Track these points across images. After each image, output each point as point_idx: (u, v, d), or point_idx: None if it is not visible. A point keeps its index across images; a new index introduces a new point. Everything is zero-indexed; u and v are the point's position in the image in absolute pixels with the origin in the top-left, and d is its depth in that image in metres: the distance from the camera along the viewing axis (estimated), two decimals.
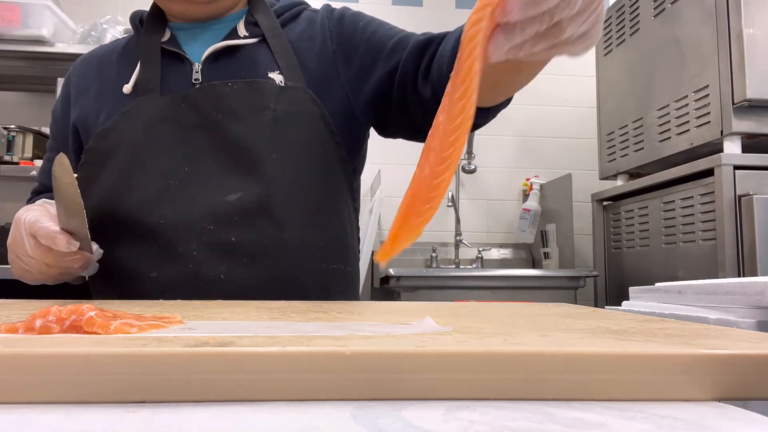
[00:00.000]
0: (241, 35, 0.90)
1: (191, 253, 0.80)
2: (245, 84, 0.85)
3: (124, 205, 0.83)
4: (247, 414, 0.26)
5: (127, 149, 0.85)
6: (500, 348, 0.30)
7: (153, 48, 0.90)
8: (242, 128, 0.84)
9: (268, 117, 0.84)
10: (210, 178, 0.83)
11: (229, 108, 0.84)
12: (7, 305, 0.57)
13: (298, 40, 0.92)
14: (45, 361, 0.27)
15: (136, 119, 0.85)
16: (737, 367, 0.29)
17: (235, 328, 0.38)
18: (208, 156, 0.84)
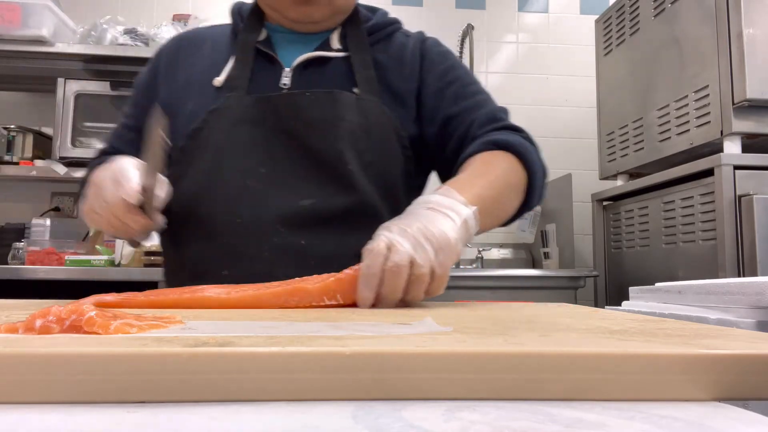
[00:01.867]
0: (334, 48, 0.93)
1: (262, 254, 0.83)
2: (323, 94, 0.87)
3: (204, 204, 0.86)
4: (247, 414, 0.26)
5: (212, 148, 0.87)
6: (500, 348, 0.30)
7: (248, 46, 0.92)
8: (318, 137, 0.86)
9: (343, 127, 0.86)
10: (285, 182, 0.86)
11: (307, 117, 0.86)
12: (7, 305, 0.57)
13: (386, 60, 0.94)
14: (45, 361, 0.27)
15: (222, 118, 0.88)
16: (737, 367, 0.29)
17: (235, 328, 0.38)
18: (285, 160, 0.86)
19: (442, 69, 0.95)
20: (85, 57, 2.35)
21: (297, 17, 0.92)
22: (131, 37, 2.36)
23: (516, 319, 0.48)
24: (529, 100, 2.78)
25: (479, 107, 0.91)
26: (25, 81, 2.60)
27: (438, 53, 0.97)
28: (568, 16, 2.88)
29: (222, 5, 2.87)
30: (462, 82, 0.95)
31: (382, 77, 0.92)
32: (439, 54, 0.97)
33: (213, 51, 0.96)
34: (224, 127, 0.87)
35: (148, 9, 2.78)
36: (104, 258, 2.06)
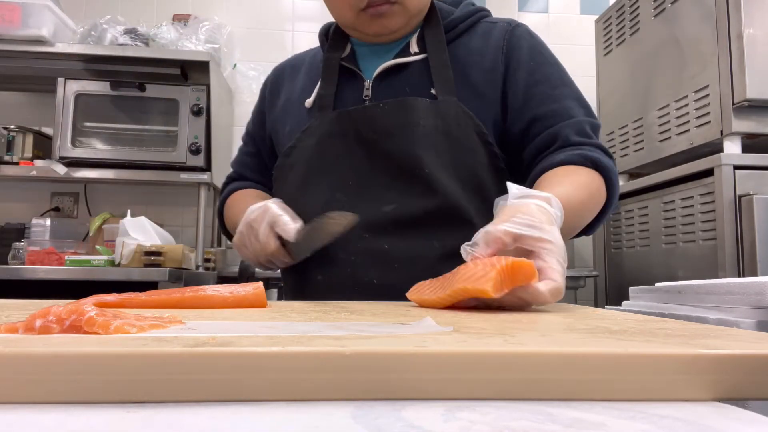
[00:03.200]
0: (413, 51, 0.94)
1: (350, 259, 0.88)
2: (394, 103, 0.90)
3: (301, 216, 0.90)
4: (247, 414, 0.26)
5: (303, 164, 0.94)
6: (500, 348, 0.30)
7: (333, 65, 0.97)
8: (395, 145, 0.89)
9: (418, 133, 0.88)
10: (369, 192, 0.90)
11: (382, 127, 0.90)
12: (7, 305, 0.57)
13: (467, 54, 0.94)
14: (45, 361, 0.27)
15: (311, 136, 0.94)
16: (737, 367, 0.29)
17: (235, 328, 0.38)
18: (368, 171, 0.91)
19: (532, 65, 0.93)
20: (85, 57, 2.35)
21: (375, 31, 0.93)
22: (131, 37, 2.36)
23: (516, 319, 0.48)
24: None
25: (567, 115, 0.90)
26: (25, 81, 2.61)
27: (529, 46, 0.95)
28: (568, 16, 2.88)
29: (222, 5, 2.88)
30: (551, 82, 0.93)
31: (461, 72, 0.92)
32: (530, 47, 0.95)
33: (307, 74, 1.02)
34: (312, 144, 0.93)
35: (148, 9, 2.78)
36: (104, 258, 2.06)
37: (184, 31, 2.45)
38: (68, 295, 0.73)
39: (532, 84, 0.92)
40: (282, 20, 2.87)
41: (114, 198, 2.67)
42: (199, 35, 2.47)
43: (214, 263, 2.46)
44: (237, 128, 2.80)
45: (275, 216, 0.85)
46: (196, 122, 2.31)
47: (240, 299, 0.59)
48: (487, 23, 0.98)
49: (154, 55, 2.33)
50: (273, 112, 1.04)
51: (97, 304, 0.52)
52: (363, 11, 0.89)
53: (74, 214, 2.68)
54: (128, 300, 0.56)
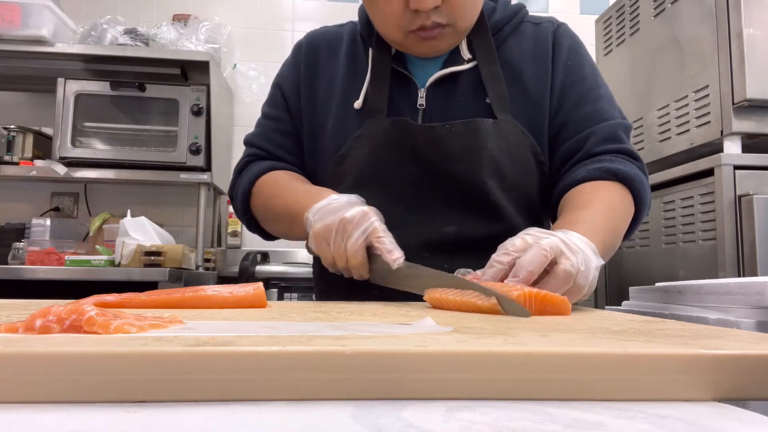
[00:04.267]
0: (465, 57, 0.90)
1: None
2: (463, 125, 0.86)
3: None
4: (247, 414, 0.26)
5: (356, 175, 0.89)
6: (500, 348, 0.30)
7: (383, 65, 0.92)
8: (460, 168, 0.86)
9: (484, 156, 0.86)
10: (429, 210, 0.87)
11: (448, 150, 0.86)
12: (7, 305, 0.57)
13: (518, 59, 0.91)
14: (45, 361, 0.27)
15: (364, 145, 0.89)
16: (737, 367, 0.29)
17: (235, 328, 0.38)
18: (427, 187, 0.87)
19: (569, 66, 0.92)
20: (85, 57, 2.35)
21: (425, 53, 0.90)
22: (131, 37, 2.36)
23: (516, 319, 0.48)
24: None
25: (599, 118, 0.89)
26: (25, 81, 2.61)
27: (568, 46, 0.93)
28: (568, 16, 2.88)
29: (222, 5, 2.88)
30: (587, 84, 0.91)
31: (514, 80, 0.90)
32: (570, 48, 0.93)
33: (349, 64, 0.95)
34: (366, 153, 0.89)
35: (148, 9, 2.78)
36: (104, 258, 2.06)
37: (184, 31, 2.45)
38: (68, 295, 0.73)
39: (567, 86, 0.90)
40: (282, 20, 2.87)
41: (114, 198, 2.67)
42: (199, 35, 2.47)
43: (214, 263, 2.46)
44: (237, 128, 2.80)
45: (377, 231, 0.73)
46: (196, 122, 2.31)
47: (240, 299, 0.59)
48: (531, 24, 0.95)
49: (154, 55, 2.33)
50: (311, 96, 0.96)
51: (97, 304, 0.52)
52: (412, 32, 0.84)
53: (74, 214, 2.68)
54: (128, 300, 0.56)
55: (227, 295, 0.59)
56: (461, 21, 0.84)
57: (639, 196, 0.85)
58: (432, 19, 0.81)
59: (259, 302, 0.60)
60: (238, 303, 0.59)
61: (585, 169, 0.85)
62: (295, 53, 1.01)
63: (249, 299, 0.59)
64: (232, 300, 0.59)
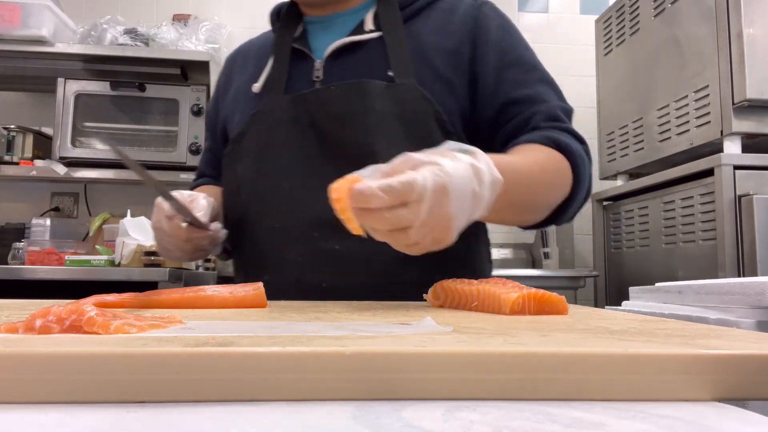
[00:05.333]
0: (367, 29, 0.87)
1: (297, 260, 0.81)
2: (347, 86, 0.82)
3: (248, 209, 0.86)
4: (247, 414, 0.26)
5: (252, 152, 0.87)
6: (500, 348, 0.30)
7: (284, 45, 0.90)
8: (348, 132, 0.82)
9: (373, 119, 0.81)
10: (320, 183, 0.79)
11: (334, 112, 0.83)
12: (7, 305, 0.57)
13: (428, 33, 0.87)
14: (45, 361, 0.27)
15: (261, 121, 0.87)
16: (737, 367, 0.29)
17: (235, 328, 0.38)
18: (319, 159, 0.83)
19: (502, 46, 0.87)
20: (85, 57, 2.35)
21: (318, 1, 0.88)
22: (131, 37, 2.36)
23: (516, 319, 0.48)
24: None
25: (541, 99, 0.85)
26: (25, 81, 2.60)
27: (498, 26, 0.89)
28: (568, 16, 2.88)
29: (221, 5, 2.88)
30: (525, 65, 0.87)
31: (421, 53, 0.85)
32: (500, 27, 0.89)
33: (256, 59, 0.95)
34: (263, 130, 0.87)
35: (148, 9, 2.77)
36: (104, 258, 2.06)
37: (184, 31, 2.45)
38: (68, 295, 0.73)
39: (504, 67, 0.86)
40: None
41: (114, 198, 2.67)
42: (199, 35, 2.47)
43: (214, 263, 2.46)
44: None
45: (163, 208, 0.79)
46: (196, 122, 2.31)
47: (240, 299, 0.59)
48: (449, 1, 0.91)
49: (154, 55, 2.33)
50: (225, 102, 0.98)
51: (97, 304, 0.52)
52: None
53: (74, 214, 2.68)
54: (128, 300, 0.56)
55: (227, 295, 0.59)
56: None
57: (578, 170, 0.79)
58: None
59: (259, 302, 0.60)
60: (238, 303, 0.59)
61: (527, 136, 0.81)
62: (216, 82, 1.05)
63: (249, 299, 0.59)
64: (232, 300, 0.59)
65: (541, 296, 0.54)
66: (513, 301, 0.52)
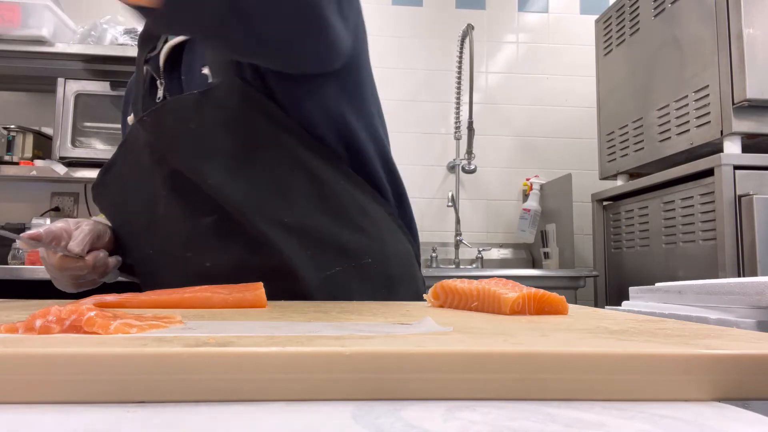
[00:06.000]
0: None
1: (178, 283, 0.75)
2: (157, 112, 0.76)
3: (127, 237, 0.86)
4: (248, 414, 0.26)
5: (121, 181, 0.86)
6: (500, 348, 0.30)
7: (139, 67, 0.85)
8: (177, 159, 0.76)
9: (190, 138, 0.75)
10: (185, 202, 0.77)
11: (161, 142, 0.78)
12: (7, 305, 0.57)
13: None
14: (45, 361, 0.27)
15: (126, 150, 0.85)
16: (737, 367, 0.29)
17: (235, 328, 0.38)
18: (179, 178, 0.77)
19: None
20: (85, 57, 2.35)
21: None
22: (131, 37, 2.36)
23: (516, 319, 0.48)
24: (529, 100, 2.77)
25: None
26: (25, 81, 2.60)
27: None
28: (568, 16, 2.88)
29: None
30: None
31: None
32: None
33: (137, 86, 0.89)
34: (129, 157, 0.84)
35: None
36: None
37: None
38: (68, 295, 0.73)
39: None
40: None
41: None
42: None
43: None
44: None
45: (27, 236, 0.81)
46: None
47: (240, 299, 0.59)
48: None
49: None
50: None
51: (97, 304, 0.52)
52: None
53: (74, 214, 2.68)
54: (128, 300, 0.56)
55: (227, 295, 0.59)
56: None
57: None
58: None
59: (259, 302, 0.60)
60: (238, 303, 0.59)
61: None
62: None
63: (249, 299, 0.59)
64: (232, 300, 0.59)
65: (541, 296, 0.54)
66: (513, 301, 0.52)
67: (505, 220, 2.76)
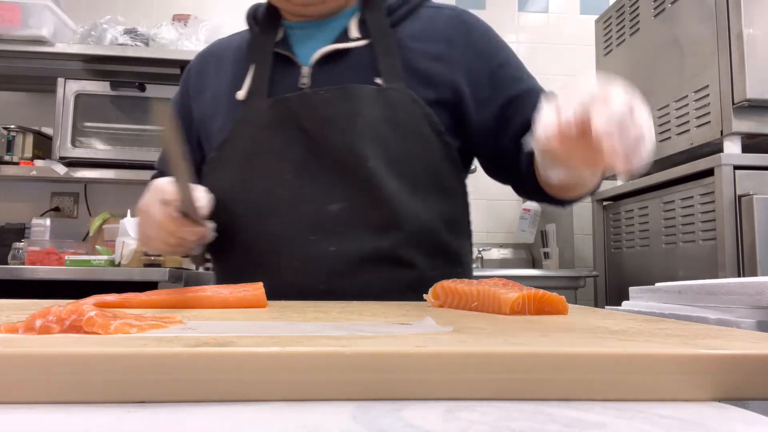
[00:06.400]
0: (353, 37, 0.88)
1: (293, 264, 0.81)
2: (337, 91, 0.83)
3: (237, 216, 0.85)
4: (247, 414, 0.26)
5: (238, 158, 0.86)
6: (500, 348, 0.30)
7: (266, 50, 0.89)
8: (339, 136, 0.82)
9: (361, 123, 0.82)
10: (312, 187, 0.83)
11: (324, 117, 0.83)
12: (7, 305, 0.57)
13: (411, 38, 0.89)
14: (45, 361, 0.27)
15: (245, 127, 0.87)
16: (737, 367, 0.29)
17: (235, 328, 0.38)
18: (309, 163, 0.83)
19: (490, 50, 0.90)
20: (85, 57, 2.35)
21: (305, 12, 0.88)
22: (131, 37, 2.36)
23: (516, 319, 0.48)
24: None
25: (537, 91, 0.87)
26: (25, 81, 2.60)
27: (481, 32, 0.91)
28: (568, 16, 2.88)
29: (221, 5, 2.88)
30: (514, 63, 0.90)
31: (408, 60, 0.87)
32: (483, 33, 0.91)
33: (235, 62, 0.94)
34: (248, 135, 0.86)
35: (148, 9, 2.77)
36: (104, 258, 2.06)
37: (184, 31, 2.45)
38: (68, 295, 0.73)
39: (496, 68, 0.88)
40: None
41: (114, 198, 2.67)
42: (199, 35, 2.47)
43: None
44: None
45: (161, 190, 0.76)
46: None
47: (240, 299, 0.59)
48: (430, 8, 0.93)
49: (154, 55, 2.33)
50: (200, 104, 0.95)
51: (97, 304, 0.52)
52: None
53: (74, 214, 2.68)
54: (128, 300, 0.56)
55: (227, 295, 0.59)
56: None
57: None
58: None
59: (259, 302, 0.60)
60: (238, 303, 0.59)
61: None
62: (184, 77, 1.01)
63: (249, 299, 0.59)
64: (232, 300, 0.59)
65: (541, 296, 0.54)
66: (513, 301, 0.52)
67: (505, 220, 2.76)
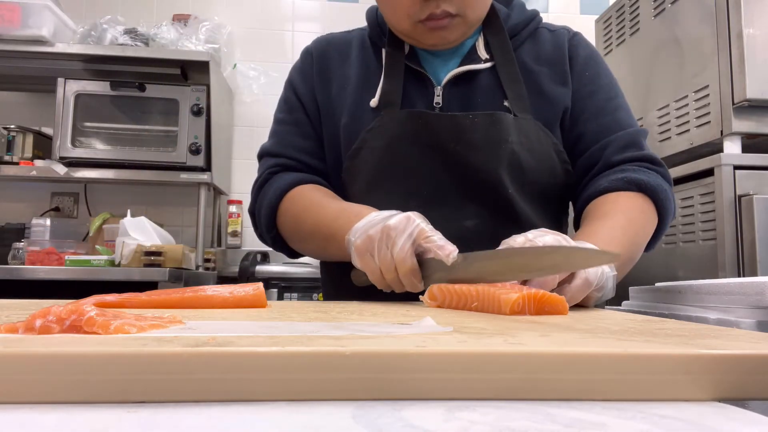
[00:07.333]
0: (482, 57, 0.90)
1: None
2: (485, 117, 0.86)
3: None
4: (247, 414, 0.26)
5: (371, 169, 0.88)
6: (500, 348, 0.30)
7: (397, 63, 0.91)
8: (480, 159, 0.85)
9: (505, 149, 0.85)
10: (447, 203, 0.86)
11: (469, 140, 0.85)
12: (7, 305, 0.57)
13: (534, 61, 0.91)
14: (45, 361, 0.27)
15: (378, 137, 0.88)
16: (737, 367, 0.29)
17: (235, 328, 0.38)
18: (445, 180, 0.86)
19: (587, 76, 0.92)
20: (85, 57, 2.35)
21: (433, 43, 0.89)
22: (131, 37, 2.36)
23: (516, 319, 0.48)
24: None
25: (618, 126, 0.90)
26: (25, 81, 2.61)
27: (586, 56, 0.94)
28: (568, 16, 2.88)
29: (221, 5, 2.88)
30: (605, 94, 0.92)
31: (532, 83, 0.90)
32: (588, 57, 0.94)
33: (362, 65, 0.95)
34: (381, 146, 0.87)
35: (148, 9, 2.77)
36: (104, 258, 2.06)
37: (184, 31, 2.45)
38: (68, 295, 0.73)
39: (585, 96, 0.91)
40: (282, 20, 2.87)
41: (114, 198, 2.67)
42: (199, 35, 2.47)
43: (214, 263, 2.46)
44: (237, 128, 2.80)
45: (424, 232, 0.68)
46: (196, 122, 2.31)
47: (240, 299, 0.59)
48: (546, 30, 0.96)
49: (154, 55, 2.33)
50: (326, 93, 0.95)
51: (97, 304, 0.52)
52: (421, 22, 0.84)
53: (74, 214, 2.68)
54: (128, 300, 0.56)
55: (227, 295, 0.59)
56: (470, 11, 0.84)
57: (662, 206, 0.85)
58: (441, 8, 0.82)
59: (259, 302, 0.60)
60: (238, 303, 0.59)
61: (607, 179, 0.85)
62: (305, 60, 1.00)
63: (249, 299, 0.59)
64: (232, 300, 0.59)
65: (541, 296, 0.54)
66: (513, 301, 0.52)
67: None
